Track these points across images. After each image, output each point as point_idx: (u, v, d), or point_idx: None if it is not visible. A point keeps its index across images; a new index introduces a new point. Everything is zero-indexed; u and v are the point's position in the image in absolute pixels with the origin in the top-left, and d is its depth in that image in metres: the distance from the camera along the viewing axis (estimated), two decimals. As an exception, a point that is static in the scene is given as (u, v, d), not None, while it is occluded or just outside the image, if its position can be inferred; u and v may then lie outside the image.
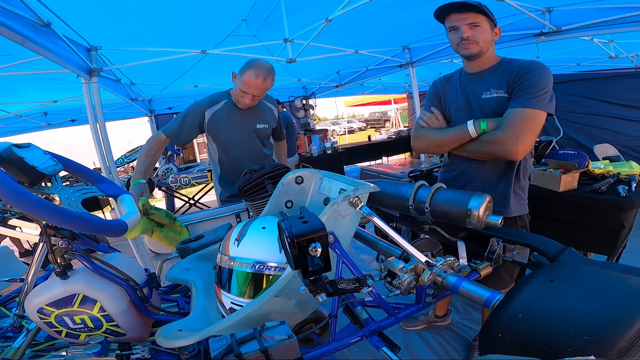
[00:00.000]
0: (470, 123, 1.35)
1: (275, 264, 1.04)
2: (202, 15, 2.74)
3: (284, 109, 5.17)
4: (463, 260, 1.15)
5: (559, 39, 2.95)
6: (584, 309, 0.64)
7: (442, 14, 1.36)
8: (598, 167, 2.02)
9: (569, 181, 1.85)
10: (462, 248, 1.18)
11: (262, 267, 1.03)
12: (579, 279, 0.74)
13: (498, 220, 1.06)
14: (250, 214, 1.75)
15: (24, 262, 2.43)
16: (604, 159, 2.76)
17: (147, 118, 5.89)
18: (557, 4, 2.75)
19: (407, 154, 9.20)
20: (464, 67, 1.49)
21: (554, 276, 0.77)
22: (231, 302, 1.05)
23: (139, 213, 1.08)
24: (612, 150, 4.16)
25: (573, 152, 1.92)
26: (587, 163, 1.95)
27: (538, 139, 2.62)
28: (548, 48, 4.25)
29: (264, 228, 1.10)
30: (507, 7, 2.54)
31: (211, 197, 6.02)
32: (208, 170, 4.90)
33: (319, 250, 0.70)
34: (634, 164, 2.05)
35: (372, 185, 1.08)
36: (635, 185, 1.80)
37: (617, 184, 1.83)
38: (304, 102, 5.96)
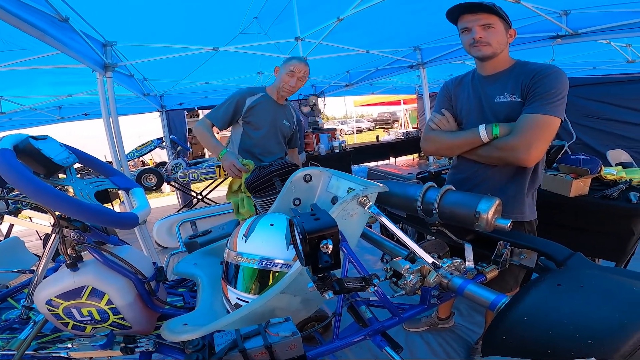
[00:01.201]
0: (482, 127, 1.33)
1: (282, 261, 1.05)
2: (214, 12, 2.76)
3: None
4: (469, 263, 1.15)
5: (576, 42, 2.91)
6: (590, 313, 0.64)
7: (454, 15, 1.34)
8: (610, 173, 1.98)
9: (580, 187, 1.82)
10: (469, 250, 1.18)
11: (268, 263, 1.04)
12: (587, 283, 0.73)
13: (507, 224, 1.05)
14: (258, 210, 1.77)
15: (34, 254, 2.45)
16: (616, 165, 2.71)
17: (158, 113, 5.95)
18: (574, 7, 2.71)
19: (415, 155, 9.13)
20: (477, 69, 1.47)
21: (562, 280, 0.76)
22: (237, 298, 1.06)
23: (149, 206, 1.10)
24: (625, 157, 4.05)
25: (585, 157, 1.89)
26: (599, 169, 1.91)
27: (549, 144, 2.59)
28: (564, 51, 4.18)
29: (272, 225, 1.11)
30: (523, 9, 2.51)
31: (219, 193, 6.07)
32: (217, 166, 4.94)
33: (330, 247, 0.71)
34: (647, 170, 2.02)
35: (381, 185, 1.08)
36: (647, 192, 1.76)
37: (628, 190, 1.80)
38: (314, 100, 5.97)
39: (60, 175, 1.01)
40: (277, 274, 1.05)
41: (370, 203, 1.03)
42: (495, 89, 1.37)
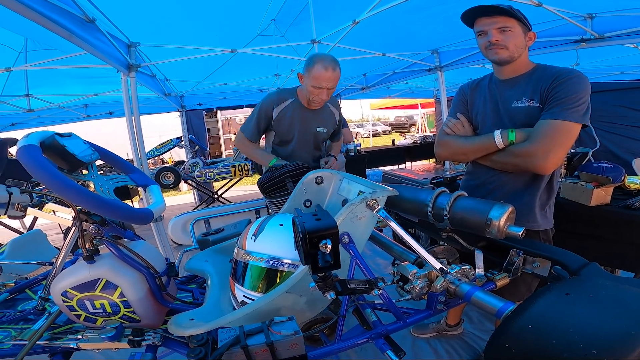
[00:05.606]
0: (497, 133, 1.31)
1: (289, 261, 1.06)
2: (233, 14, 2.83)
3: None
4: (479, 270, 1.13)
5: (601, 46, 2.81)
6: (597, 323, 0.62)
7: (470, 18, 1.33)
8: (634, 182, 1.90)
9: (601, 195, 1.76)
10: (479, 257, 1.16)
11: (276, 263, 1.06)
12: (597, 293, 0.71)
13: (519, 232, 1.02)
14: (270, 210, 1.79)
15: (55, 247, 2.51)
16: (643, 174, 2.60)
17: (178, 113, 6.11)
18: (600, 10, 2.62)
19: (432, 160, 8.99)
20: (494, 73, 1.44)
21: (571, 289, 0.74)
22: (243, 296, 1.08)
23: (165, 203, 1.13)
24: (651, 165, 3.88)
25: (608, 166, 1.83)
26: (622, 177, 1.85)
27: (573, 150, 2.50)
28: (589, 55, 4.05)
29: (281, 225, 1.12)
30: (545, 13, 2.45)
31: (233, 193, 6.17)
32: (232, 166, 5.03)
33: (329, 247, 0.72)
34: (672, 180, 1.92)
35: (390, 188, 1.08)
36: (672, 203, 1.68)
37: (652, 200, 1.72)
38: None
39: (83, 171, 1.06)
40: (284, 273, 1.06)
41: (379, 206, 1.02)
42: (513, 93, 1.34)
